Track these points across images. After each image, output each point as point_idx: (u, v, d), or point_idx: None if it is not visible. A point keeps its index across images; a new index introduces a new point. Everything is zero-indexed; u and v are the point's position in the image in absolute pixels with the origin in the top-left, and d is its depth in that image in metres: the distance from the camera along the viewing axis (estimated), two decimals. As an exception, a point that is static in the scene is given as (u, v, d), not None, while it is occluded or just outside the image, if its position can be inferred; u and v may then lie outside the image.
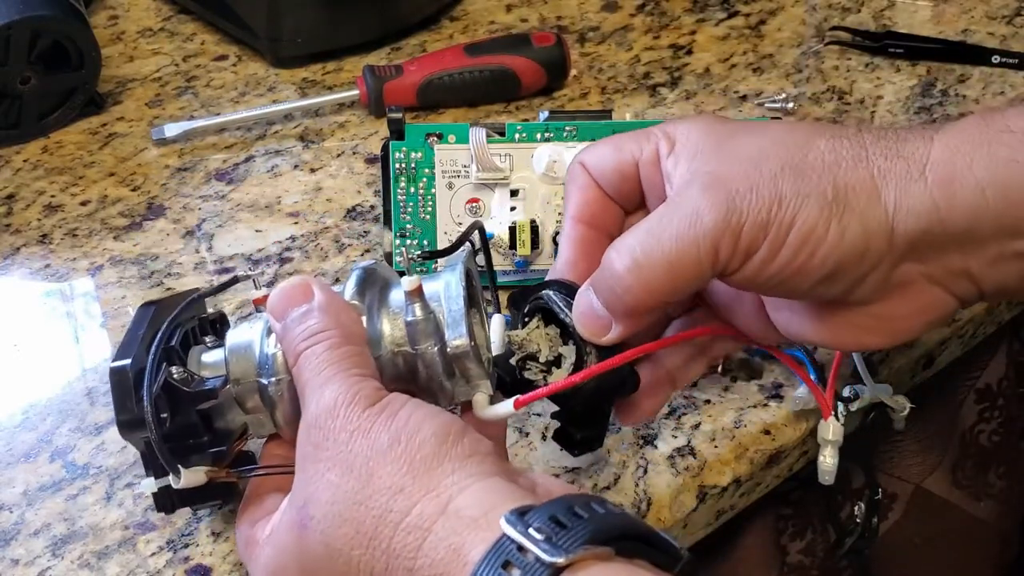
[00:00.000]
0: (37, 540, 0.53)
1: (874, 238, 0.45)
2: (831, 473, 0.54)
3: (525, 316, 0.51)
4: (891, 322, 0.48)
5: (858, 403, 0.56)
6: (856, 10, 0.86)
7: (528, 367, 0.50)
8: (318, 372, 0.45)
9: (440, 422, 0.43)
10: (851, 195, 0.45)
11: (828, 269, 0.45)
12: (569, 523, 0.38)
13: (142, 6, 0.91)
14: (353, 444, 0.43)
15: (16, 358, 0.63)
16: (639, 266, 0.45)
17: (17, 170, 0.76)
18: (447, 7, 0.88)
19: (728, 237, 0.44)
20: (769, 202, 0.45)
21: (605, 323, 0.48)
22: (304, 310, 0.47)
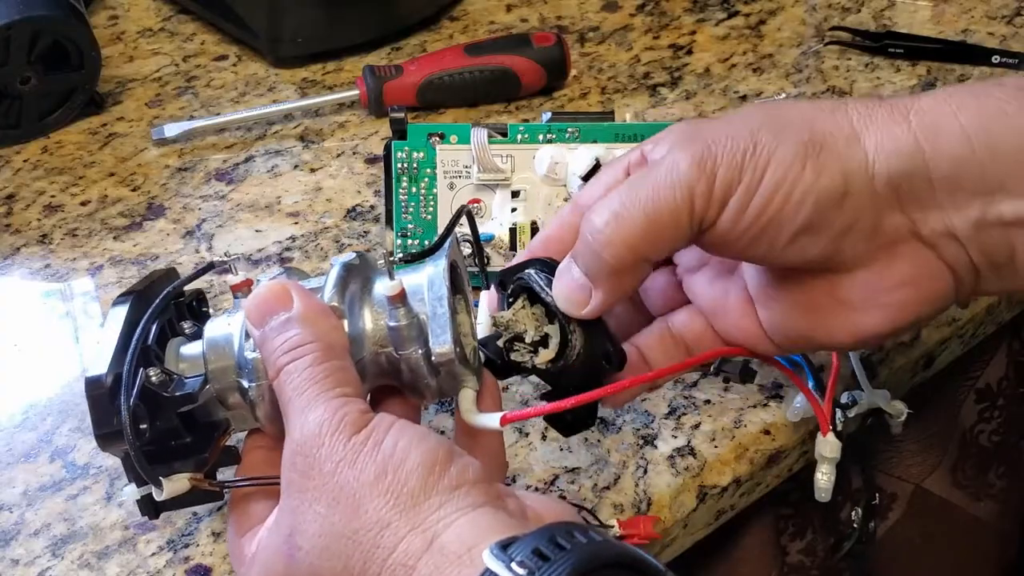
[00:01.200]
0: (37, 540, 0.53)
1: (853, 178, 0.43)
2: (827, 491, 0.54)
3: (510, 297, 0.50)
4: (883, 295, 0.46)
5: (856, 409, 0.56)
6: (856, 10, 0.86)
7: (516, 348, 0.49)
8: (301, 392, 0.44)
9: (426, 450, 0.42)
10: (828, 138, 0.44)
11: (806, 214, 0.43)
12: (552, 555, 0.37)
13: (142, 6, 0.91)
14: (339, 476, 0.42)
15: (16, 358, 0.63)
16: (617, 217, 0.44)
17: (17, 170, 0.76)
18: (447, 7, 0.88)
19: (703, 182, 0.43)
20: (744, 147, 0.44)
21: (585, 292, 0.46)
22: (283, 319, 0.45)
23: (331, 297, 0.47)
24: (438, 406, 0.58)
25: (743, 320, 0.50)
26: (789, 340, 0.49)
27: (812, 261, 0.45)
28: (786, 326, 0.48)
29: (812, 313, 0.47)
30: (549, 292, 0.48)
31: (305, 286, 0.48)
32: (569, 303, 0.47)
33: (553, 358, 0.49)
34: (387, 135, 0.76)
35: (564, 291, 0.47)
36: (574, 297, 0.47)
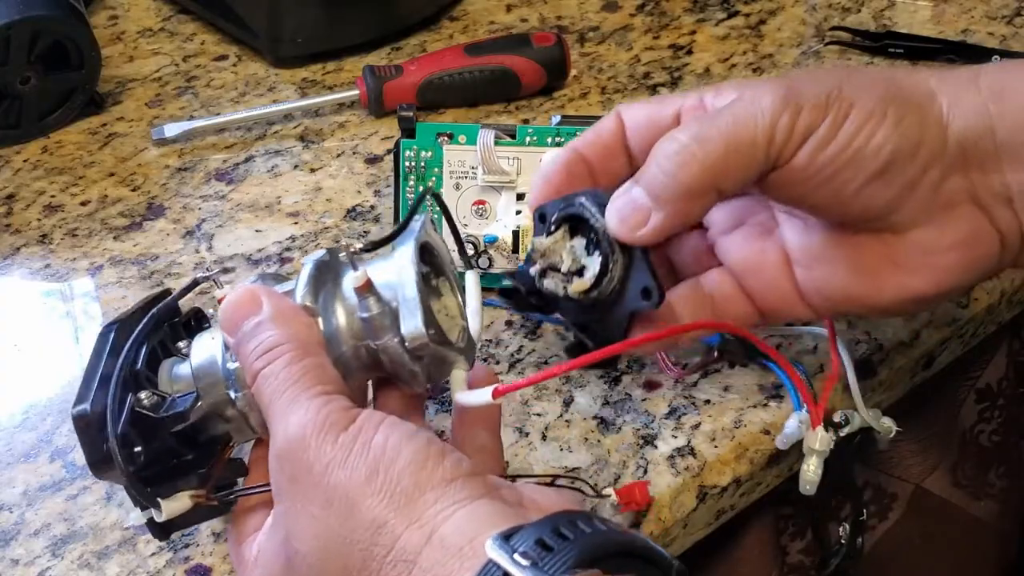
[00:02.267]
0: (37, 540, 0.53)
1: (929, 131, 0.45)
2: (813, 484, 0.53)
3: (552, 225, 0.50)
4: (935, 257, 0.47)
5: (848, 428, 0.56)
6: (856, 10, 0.86)
7: (549, 276, 0.49)
8: (280, 394, 0.43)
9: (417, 446, 0.41)
10: (907, 92, 0.46)
11: (884, 158, 0.45)
12: (556, 545, 0.37)
13: (142, 6, 0.91)
14: (330, 477, 0.41)
15: (16, 358, 0.63)
16: (697, 141, 0.45)
17: (17, 170, 0.76)
18: (447, 7, 0.88)
19: (787, 116, 0.44)
20: (828, 90, 0.45)
21: (644, 214, 0.46)
22: (254, 324, 0.45)
23: (303, 296, 0.46)
24: (438, 406, 0.58)
25: (778, 280, 0.50)
26: (830, 302, 0.50)
27: (873, 213, 0.46)
28: (830, 286, 0.49)
29: (859, 273, 0.48)
30: (599, 217, 0.48)
31: (281, 289, 0.47)
32: (624, 224, 0.47)
33: (588, 288, 0.48)
34: (387, 135, 0.76)
35: (621, 211, 0.47)
36: (631, 218, 0.46)
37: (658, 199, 0.46)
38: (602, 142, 0.51)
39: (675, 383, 0.58)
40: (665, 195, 0.46)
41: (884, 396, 0.61)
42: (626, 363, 0.60)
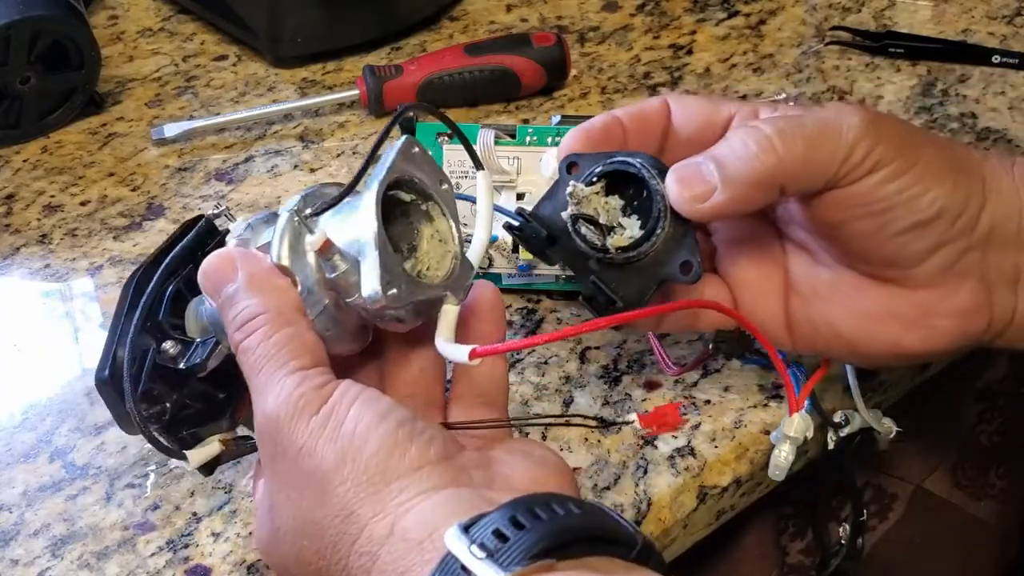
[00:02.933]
0: (37, 540, 0.53)
1: (972, 205, 0.48)
2: (783, 469, 0.53)
3: (594, 177, 0.50)
4: (933, 319, 0.49)
5: (848, 428, 0.56)
6: (856, 10, 0.86)
7: (582, 225, 0.50)
8: (256, 371, 0.44)
9: (385, 432, 0.41)
10: (964, 164, 0.49)
11: (933, 211, 0.47)
12: (511, 535, 0.37)
13: (142, 6, 0.91)
14: (302, 463, 0.42)
15: (16, 358, 0.63)
16: (781, 134, 0.47)
17: (17, 170, 0.76)
18: (447, 7, 0.88)
19: (867, 141, 0.47)
20: (905, 135, 0.48)
21: (710, 188, 0.47)
22: (230, 293, 0.45)
23: (278, 254, 0.45)
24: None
25: (772, 306, 0.52)
26: (815, 338, 0.52)
27: (899, 260, 0.48)
28: (823, 322, 0.51)
29: (856, 317, 0.50)
30: (659, 180, 0.49)
31: (264, 240, 0.46)
32: (687, 192, 0.48)
33: (627, 245, 0.49)
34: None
35: (685, 180, 0.48)
36: (696, 188, 0.48)
37: (727, 179, 0.47)
38: (644, 117, 0.52)
39: (675, 383, 0.58)
40: (735, 177, 0.47)
41: (884, 396, 0.61)
42: (626, 363, 0.60)
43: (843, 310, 0.51)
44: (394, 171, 0.45)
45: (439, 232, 0.47)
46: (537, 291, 0.63)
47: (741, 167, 0.47)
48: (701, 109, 0.52)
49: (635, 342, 0.61)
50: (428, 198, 0.47)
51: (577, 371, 0.59)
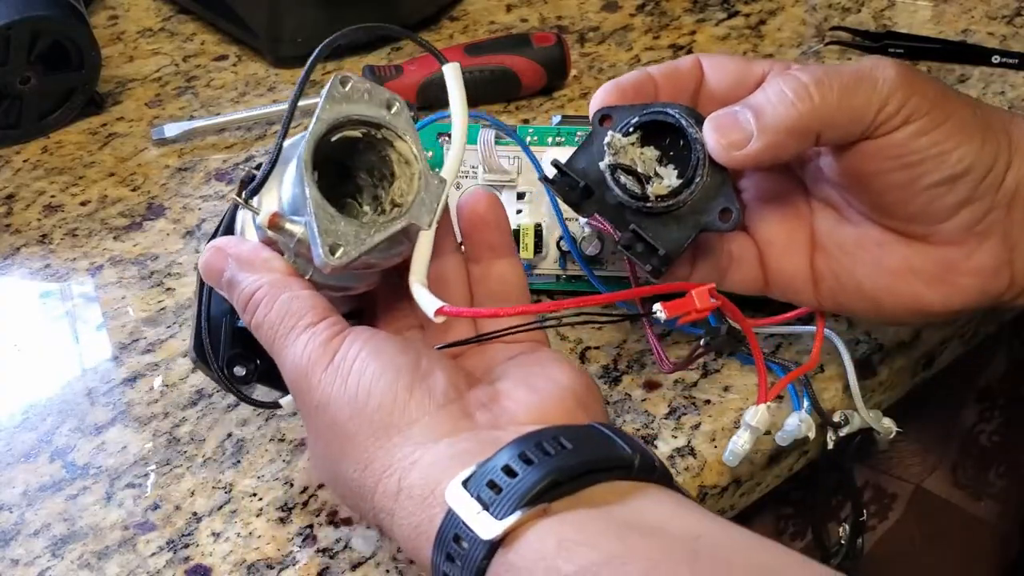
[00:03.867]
0: (37, 540, 0.53)
1: (999, 164, 0.49)
2: (737, 456, 0.53)
3: (630, 128, 0.51)
4: (956, 276, 0.50)
5: (847, 428, 0.56)
6: (856, 10, 0.86)
7: (620, 175, 0.50)
8: (271, 342, 0.46)
9: (386, 384, 0.43)
10: (992, 121, 0.50)
11: (963, 167, 0.48)
12: (504, 485, 0.38)
13: (142, 6, 0.91)
14: (322, 417, 0.44)
15: (16, 358, 0.63)
16: (818, 82, 0.47)
17: (17, 170, 0.76)
18: (447, 7, 0.88)
19: (902, 92, 0.47)
20: (937, 90, 0.49)
21: (747, 135, 0.48)
22: (228, 277, 0.47)
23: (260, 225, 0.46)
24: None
25: (799, 263, 0.53)
26: (840, 294, 0.52)
27: (926, 215, 0.49)
28: (848, 278, 0.52)
29: (880, 273, 0.51)
30: (696, 128, 0.49)
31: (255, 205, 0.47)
32: (724, 139, 0.49)
33: (665, 194, 0.50)
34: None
35: (722, 127, 0.49)
36: (733, 136, 0.49)
37: (764, 126, 0.48)
38: (677, 75, 0.53)
39: (675, 383, 0.58)
40: (772, 124, 0.48)
41: (884, 396, 0.61)
42: (626, 363, 0.60)
43: (867, 266, 0.51)
44: (322, 121, 0.45)
45: (402, 155, 0.47)
46: (537, 291, 0.63)
47: (778, 114, 0.48)
48: (734, 67, 0.53)
49: (635, 342, 0.61)
50: (378, 126, 0.46)
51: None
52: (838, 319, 0.61)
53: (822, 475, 0.61)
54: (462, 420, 0.43)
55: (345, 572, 0.51)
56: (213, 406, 0.59)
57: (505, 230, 0.50)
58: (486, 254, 0.50)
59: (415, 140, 0.47)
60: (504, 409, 0.44)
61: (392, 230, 0.45)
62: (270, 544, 0.52)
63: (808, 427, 0.54)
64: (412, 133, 0.47)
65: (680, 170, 0.51)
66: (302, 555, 0.52)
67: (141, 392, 0.60)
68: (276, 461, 0.56)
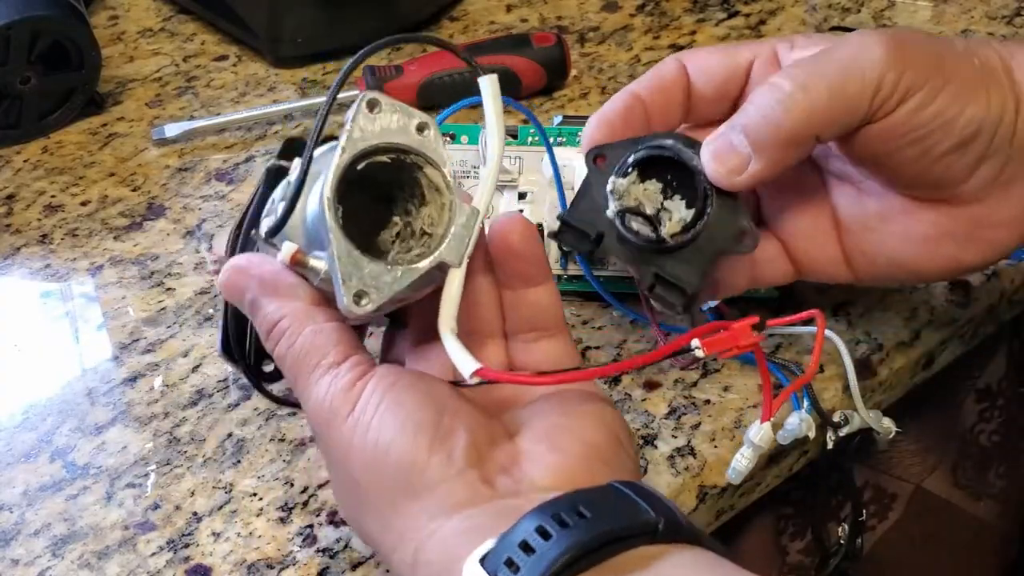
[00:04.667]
0: (37, 540, 0.53)
1: (1008, 113, 0.47)
2: (740, 474, 0.53)
3: (629, 168, 0.49)
4: (987, 231, 0.49)
5: (847, 428, 0.56)
6: (856, 10, 0.86)
7: (630, 220, 0.49)
8: (294, 379, 0.44)
9: (404, 444, 0.41)
10: (993, 70, 0.47)
11: (972, 130, 0.46)
12: (522, 564, 0.36)
13: (142, 6, 0.91)
14: (342, 469, 0.43)
15: (16, 358, 0.63)
16: (801, 88, 0.46)
17: (17, 170, 0.76)
18: (447, 7, 0.88)
19: (894, 71, 0.45)
20: (930, 54, 0.47)
21: (744, 159, 0.47)
22: (250, 300, 0.45)
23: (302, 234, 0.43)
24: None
25: (827, 246, 0.52)
26: (875, 267, 0.51)
27: (946, 180, 0.48)
28: (880, 253, 0.51)
29: (911, 243, 0.50)
30: (695, 156, 0.48)
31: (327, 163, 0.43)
32: (723, 167, 0.47)
33: (679, 231, 0.49)
34: (387, 135, 0.76)
35: (719, 155, 0.47)
36: (731, 163, 0.47)
37: (759, 146, 0.47)
38: (663, 87, 0.52)
39: (675, 383, 0.58)
40: (767, 142, 0.47)
41: (884, 396, 0.61)
42: (626, 363, 0.60)
43: (896, 238, 0.50)
44: (347, 152, 0.42)
45: (432, 181, 0.44)
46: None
47: (770, 131, 0.46)
48: (719, 62, 0.51)
49: (635, 342, 0.61)
50: (407, 152, 0.43)
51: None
52: (838, 318, 0.61)
53: (822, 475, 0.61)
54: (482, 488, 0.41)
55: (345, 572, 0.51)
56: (213, 406, 0.59)
57: (540, 259, 0.47)
58: (519, 284, 0.47)
59: (447, 167, 0.43)
60: (525, 473, 0.42)
61: (420, 272, 0.42)
62: (270, 544, 0.52)
63: (808, 427, 0.54)
64: (444, 158, 0.43)
65: (687, 199, 0.49)
66: (302, 555, 0.52)
67: (141, 392, 0.60)
68: (276, 461, 0.56)
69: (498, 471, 0.42)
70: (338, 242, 0.41)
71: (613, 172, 0.50)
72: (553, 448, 0.42)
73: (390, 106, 0.42)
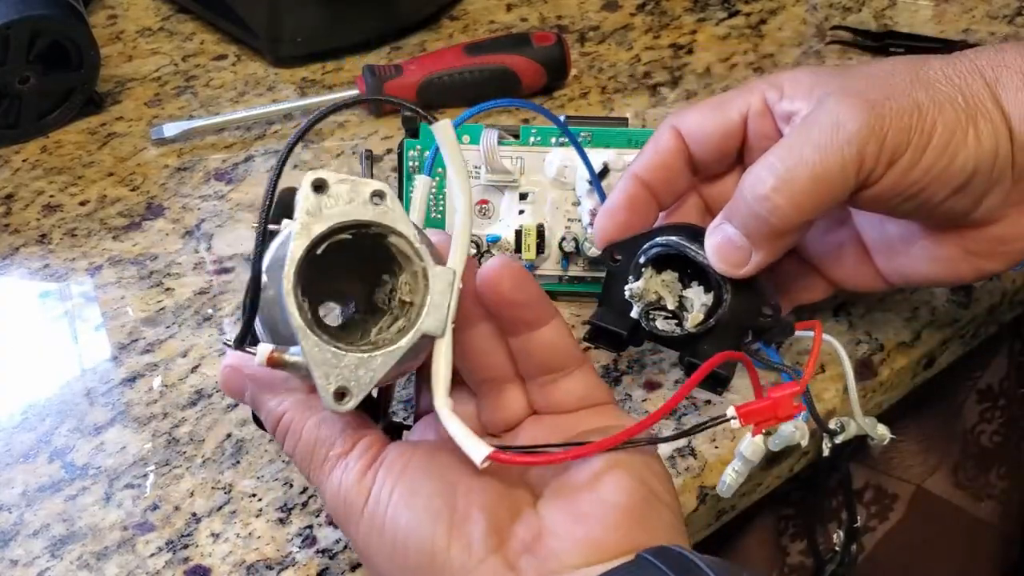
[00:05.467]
0: (36, 541, 0.53)
1: (1002, 142, 0.47)
2: (731, 488, 0.53)
3: (643, 267, 0.51)
4: (1009, 245, 0.50)
5: (843, 436, 0.56)
6: (857, 9, 0.86)
7: (654, 317, 0.51)
8: (307, 474, 0.44)
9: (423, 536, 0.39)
10: (978, 102, 0.47)
11: (966, 174, 0.46)
12: None
13: (141, 6, 0.91)
14: (364, 558, 0.42)
15: (16, 358, 0.63)
16: (784, 182, 0.46)
17: (16, 170, 0.76)
18: (447, 7, 0.88)
19: (873, 142, 0.45)
20: (909, 109, 0.46)
21: (744, 253, 0.48)
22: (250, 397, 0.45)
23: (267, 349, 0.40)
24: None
25: (859, 267, 0.54)
26: (910, 280, 0.53)
27: (955, 217, 0.48)
28: (910, 272, 0.52)
29: (938, 262, 0.51)
30: (702, 253, 0.49)
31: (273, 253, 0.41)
32: (727, 263, 0.48)
33: (702, 320, 0.50)
34: (387, 135, 0.76)
35: (720, 252, 0.48)
36: (732, 258, 0.48)
37: (755, 239, 0.48)
38: (664, 164, 0.52)
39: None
40: (761, 236, 0.47)
41: (885, 396, 0.61)
42: (626, 363, 0.60)
43: (922, 260, 0.51)
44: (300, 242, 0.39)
45: (400, 250, 0.41)
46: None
47: (763, 227, 0.47)
48: (713, 124, 0.52)
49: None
50: (367, 225, 0.40)
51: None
52: (839, 318, 0.61)
53: (822, 476, 0.61)
54: (508, 571, 0.39)
55: (344, 573, 0.51)
56: (212, 406, 0.59)
57: (538, 301, 0.43)
58: (524, 329, 0.44)
59: (412, 231, 0.41)
60: (550, 551, 0.39)
61: (401, 352, 0.40)
62: (269, 545, 0.52)
63: (802, 435, 0.54)
64: (406, 224, 0.40)
65: (705, 284, 0.51)
66: (301, 556, 0.51)
67: (140, 392, 0.60)
68: (276, 461, 0.56)
69: (522, 551, 0.40)
70: (307, 341, 0.38)
71: (629, 274, 0.52)
72: (578, 519, 0.40)
73: (339, 181, 0.40)
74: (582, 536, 0.39)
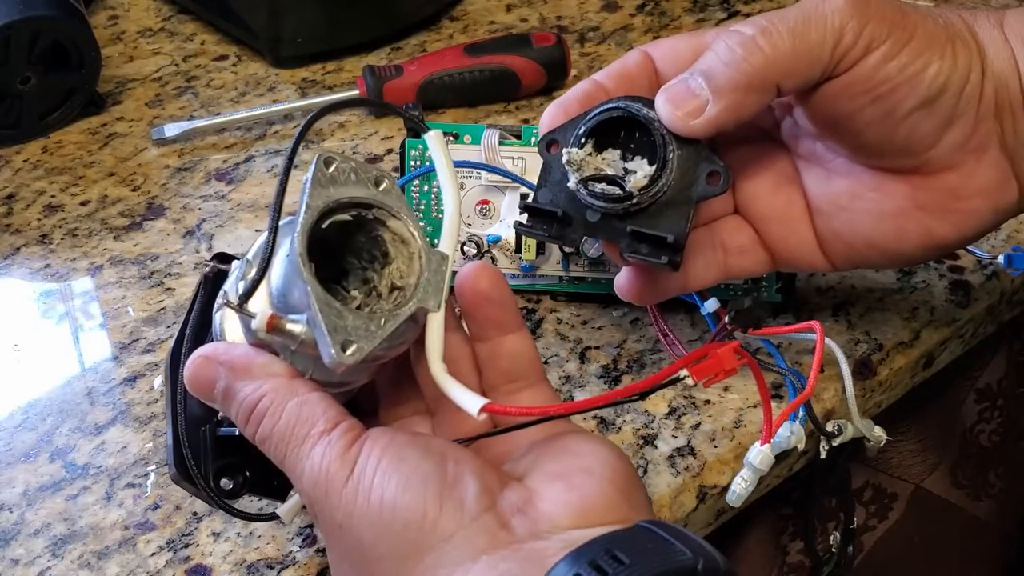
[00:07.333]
0: (37, 540, 0.53)
1: (975, 72, 0.46)
2: (740, 497, 0.53)
3: (582, 138, 0.48)
4: (961, 202, 0.48)
5: (841, 438, 0.56)
6: (856, 10, 0.86)
7: (593, 186, 0.47)
8: (282, 456, 0.42)
9: (412, 499, 0.39)
10: (957, 30, 0.46)
11: (937, 87, 0.45)
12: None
13: (142, 6, 0.91)
14: (345, 538, 0.40)
15: (16, 358, 0.63)
16: (764, 31, 0.45)
17: (17, 170, 0.76)
18: (447, 7, 0.88)
19: (855, 22, 0.45)
20: (894, 8, 0.46)
21: (700, 102, 0.46)
22: (222, 388, 0.43)
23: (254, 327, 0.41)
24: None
25: (801, 231, 0.51)
26: (850, 250, 0.50)
27: (912, 144, 0.47)
28: (853, 234, 0.50)
29: (884, 219, 0.49)
30: (649, 109, 0.47)
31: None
32: (679, 110, 0.46)
33: (646, 184, 0.47)
34: (387, 135, 0.76)
35: (676, 98, 0.46)
36: (686, 105, 0.46)
37: (717, 89, 0.45)
38: (627, 74, 0.50)
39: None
40: (726, 85, 0.45)
41: (884, 396, 0.61)
42: (626, 363, 0.60)
43: (869, 215, 0.49)
44: (311, 209, 0.41)
45: (397, 234, 0.43)
46: (539, 292, 0.63)
47: (730, 73, 0.45)
48: (686, 45, 0.50)
49: (635, 342, 0.61)
50: (369, 206, 0.43)
51: (577, 371, 0.59)
52: (838, 318, 0.61)
53: (822, 476, 0.61)
54: (499, 532, 0.39)
55: (345, 572, 0.51)
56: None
57: (512, 305, 0.45)
58: (493, 332, 0.45)
59: (410, 216, 0.43)
60: (542, 513, 0.40)
61: (403, 317, 0.41)
62: (270, 544, 0.52)
63: (799, 439, 0.54)
64: (406, 209, 0.43)
65: (649, 157, 0.48)
66: (301, 555, 0.52)
67: (141, 392, 0.60)
68: (276, 461, 0.56)
69: (513, 512, 0.40)
70: (318, 294, 0.40)
71: (567, 145, 0.49)
72: (568, 486, 0.41)
73: (345, 162, 0.42)
74: (574, 501, 0.40)
